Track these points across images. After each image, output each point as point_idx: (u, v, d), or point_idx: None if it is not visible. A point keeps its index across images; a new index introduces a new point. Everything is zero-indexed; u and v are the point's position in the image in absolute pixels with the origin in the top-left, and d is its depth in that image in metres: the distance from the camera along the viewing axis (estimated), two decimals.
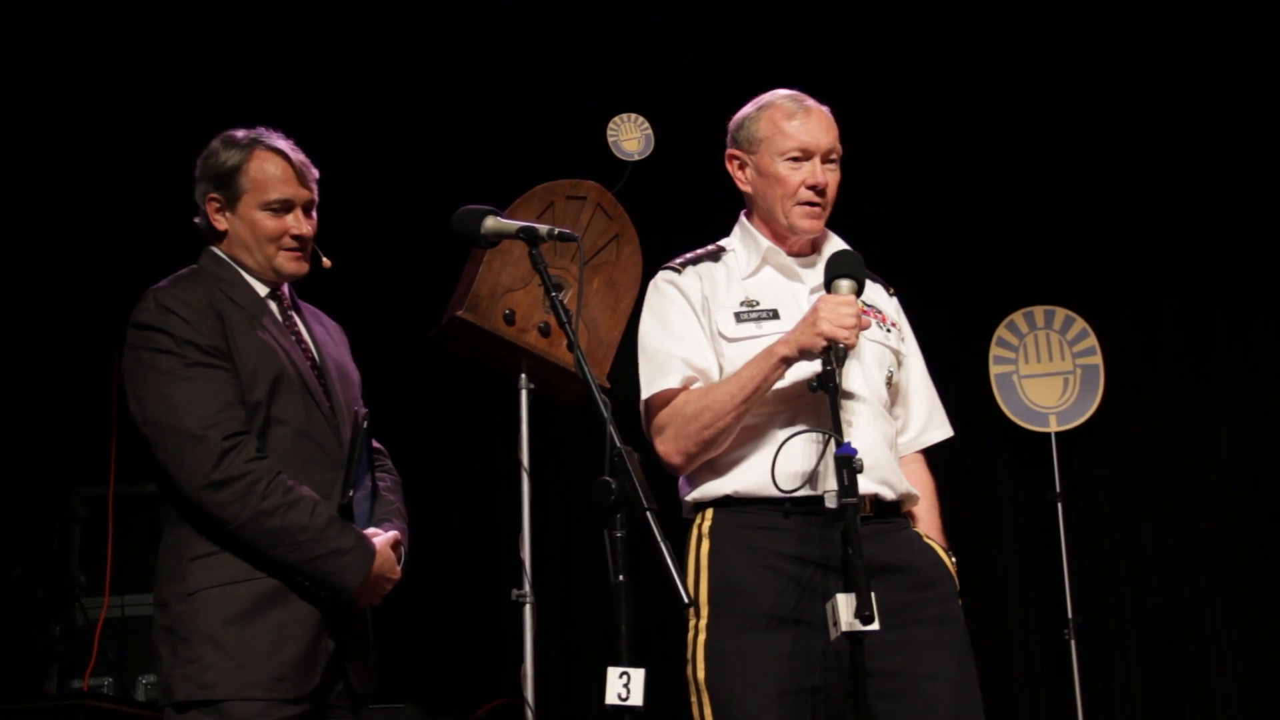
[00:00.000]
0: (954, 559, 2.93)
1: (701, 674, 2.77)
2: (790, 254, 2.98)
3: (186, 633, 2.72)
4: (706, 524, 2.86)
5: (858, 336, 2.72)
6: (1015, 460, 5.87)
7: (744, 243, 3.03)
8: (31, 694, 4.85)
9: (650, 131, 3.82)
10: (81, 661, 5.05)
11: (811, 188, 2.92)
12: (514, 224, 2.70)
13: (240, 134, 2.95)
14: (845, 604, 2.50)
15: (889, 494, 2.87)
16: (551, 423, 5.11)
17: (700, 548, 2.85)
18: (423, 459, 5.99)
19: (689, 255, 3.05)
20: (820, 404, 2.77)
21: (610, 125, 3.82)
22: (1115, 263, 5.93)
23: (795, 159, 2.93)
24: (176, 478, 2.73)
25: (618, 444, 2.37)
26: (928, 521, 3.00)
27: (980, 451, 5.81)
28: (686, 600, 2.29)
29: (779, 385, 2.82)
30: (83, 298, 5.59)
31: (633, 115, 3.85)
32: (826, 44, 5.96)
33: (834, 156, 2.97)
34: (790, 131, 2.94)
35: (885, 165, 5.98)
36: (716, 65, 5.58)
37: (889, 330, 3.00)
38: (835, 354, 2.67)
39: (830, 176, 2.96)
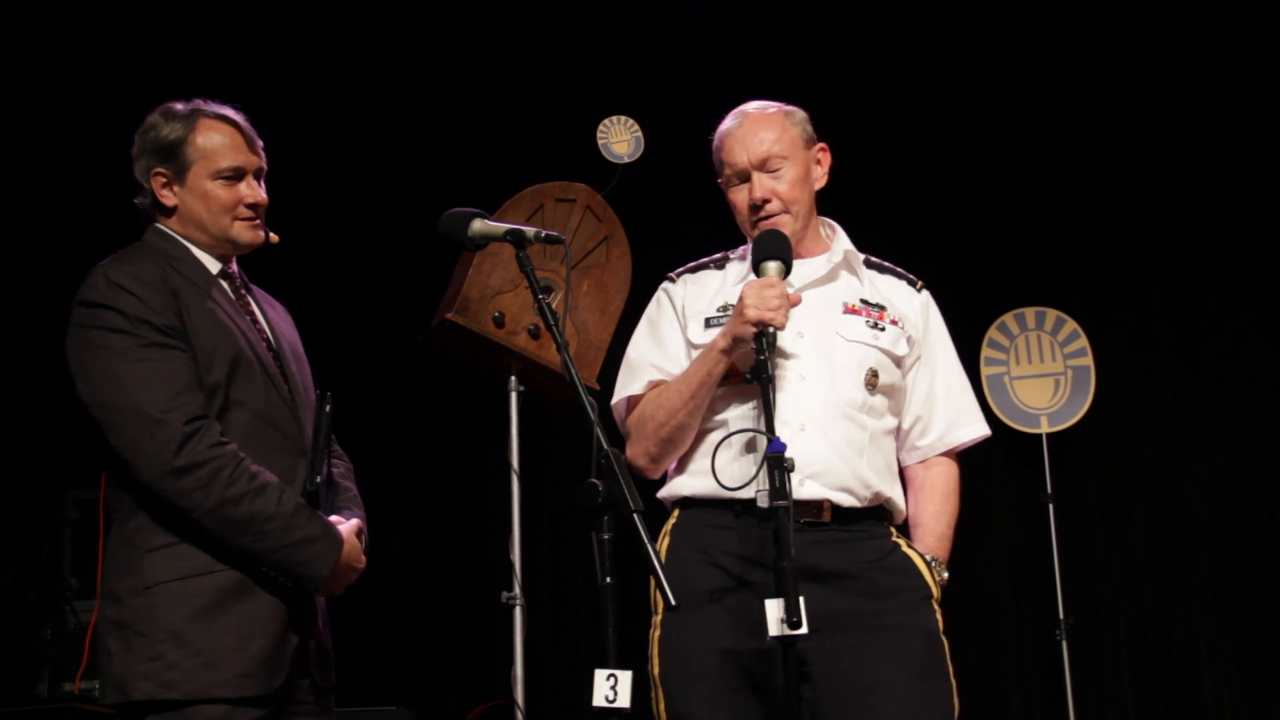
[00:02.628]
0: (944, 573, 2.90)
1: (656, 669, 2.82)
2: (795, 256, 2.93)
3: (145, 628, 2.57)
4: (671, 522, 2.93)
5: (786, 316, 2.71)
6: (1006, 461, 5.88)
7: (750, 248, 3.00)
8: (23, 697, 4.84)
9: (640, 134, 3.80)
10: (72, 665, 5.04)
11: (751, 206, 2.93)
12: (501, 226, 2.71)
13: (179, 105, 2.83)
14: (773, 609, 2.49)
15: (849, 501, 2.83)
16: (541, 425, 5.11)
17: (662, 544, 2.90)
18: (412, 461, 6.00)
19: (692, 264, 3.10)
20: (783, 406, 2.77)
21: (600, 127, 3.81)
22: (1106, 264, 5.94)
23: (737, 183, 2.97)
24: (133, 464, 2.58)
25: (604, 446, 2.38)
26: (928, 529, 2.96)
27: (971, 452, 5.79)
28: (673, 604, 2.30)
29: (739, 390, 2.83)
30: (72, 300, 5.58)
31: (622, 117, 3.83)
32: (818, 46, 5.96)
33: (774, 164, 2.94)
34: (724, 160, 2.98)
35: (875, 167, 5.98)
36: (706, 67, 5.59)
37: (881, 329, 2.95)
38: (765, 339, 2.67)
39: (778, 184, 2.93)
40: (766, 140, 2.94)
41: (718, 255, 3.10)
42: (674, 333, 3.00)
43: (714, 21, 5.68)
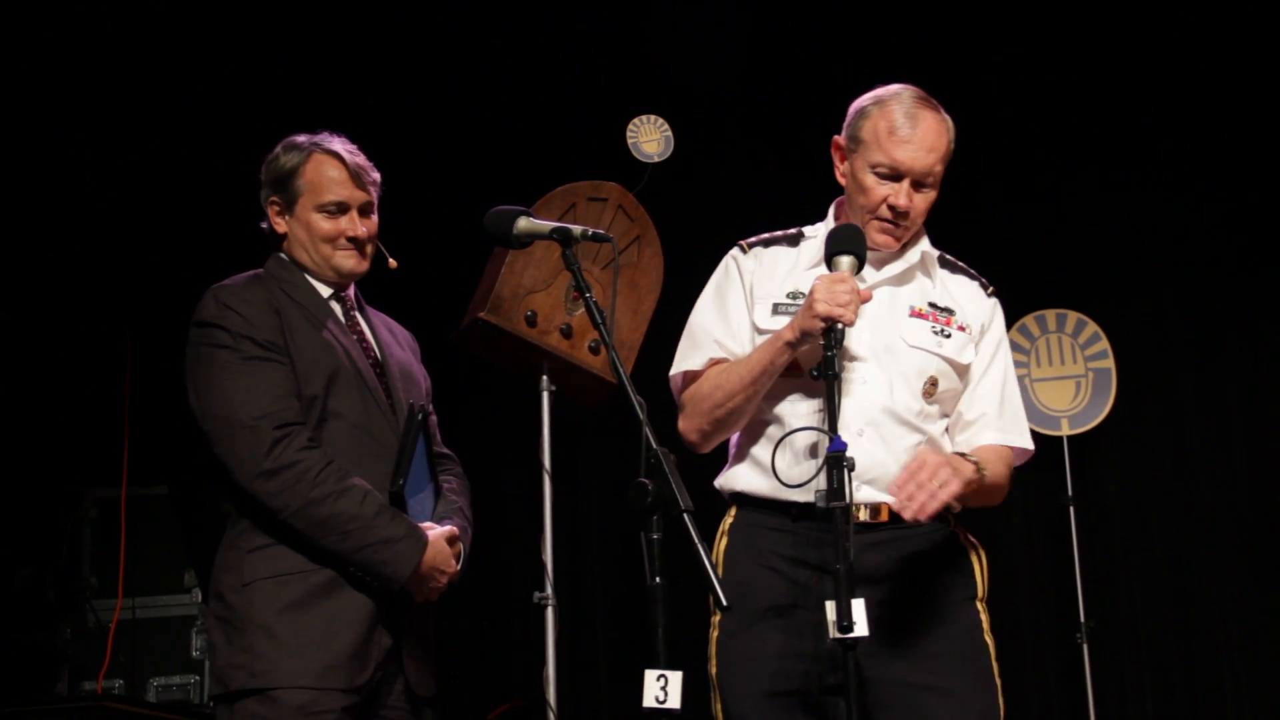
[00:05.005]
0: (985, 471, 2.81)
1: (714, 670, 2.82)
2: (868, 247, 2.85)
3: (240, 623, 2.75)
4: (729, 520, 2.91)
5: (856, 313, 2.65)
6: (1027, 464, 5.85)
7: (826, 231, 2.93)
8: (48, 695, 4.85)
9: (670, 133, 3.79)
10: (91, 664, 5.04)
11: (892, 208, 2.85)
12: (547, 225, 2.70)
13: (301, 138, 3.02)
14: (832, 610, 2.48)
15: None
16: (565, 425, 5.10)
17: (720, 544, 2.89)
18: None
19: (765, 235, 3.01)
20: (843, 408, 2.76)
21: (630, 127, 3.80)
22: (1127, 266, 5.93)
23: (884, 176, 2.85)
24: (231, 469, 2.77)
25: (654, 445, 2.36)
26: (990, 456, 2.87)
27: None
28: (724, 604, 2.29)
29: (800, 383, 2.80)
30: (94, 299, 5.58)
31: (652, 117, 3.82)
32: (839, 47, 5.94)
33: (930, 181, 2.87)
34: (888, 147, 2.83)
35: None
36: (735, 66, 5.56)
37: (947, 335, 2.91)
38: (834, 335, 2.62)
39: (920, 199, 2.87)
40: (937, 153, 2.86)
41: (792, 230, 3.01)
42: (739, 308, 2.93)
43: (743, 21, 5.65)
